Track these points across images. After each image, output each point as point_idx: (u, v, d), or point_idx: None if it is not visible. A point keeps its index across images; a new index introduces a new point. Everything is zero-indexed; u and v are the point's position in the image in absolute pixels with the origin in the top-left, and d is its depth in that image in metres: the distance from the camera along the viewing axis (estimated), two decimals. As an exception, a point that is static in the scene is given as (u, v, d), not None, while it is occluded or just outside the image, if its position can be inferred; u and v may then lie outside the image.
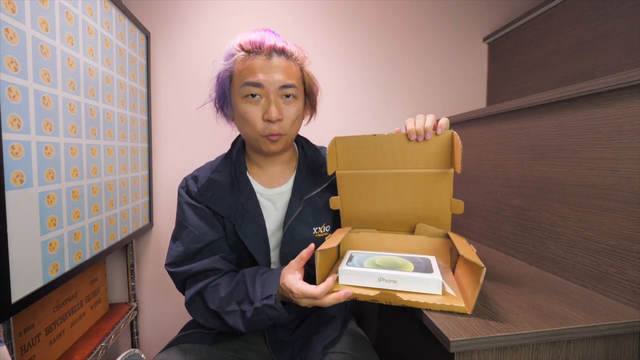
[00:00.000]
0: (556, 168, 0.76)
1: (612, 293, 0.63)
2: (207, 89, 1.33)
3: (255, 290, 0.64)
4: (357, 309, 1.04)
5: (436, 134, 0.63)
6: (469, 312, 0.54)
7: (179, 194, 0.75)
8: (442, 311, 0.55)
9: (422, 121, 0.64)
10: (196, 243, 0.69)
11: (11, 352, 0.62)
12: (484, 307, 0.59)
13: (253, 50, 0.66)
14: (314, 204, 0.76)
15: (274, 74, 0.65)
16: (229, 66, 0.68)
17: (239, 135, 0.81)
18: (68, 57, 0.76)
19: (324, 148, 0.85)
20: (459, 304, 0.54)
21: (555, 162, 0.76)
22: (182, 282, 0.71)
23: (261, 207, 0.74)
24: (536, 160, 0.81)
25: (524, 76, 1.32)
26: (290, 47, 0.69)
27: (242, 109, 0.66)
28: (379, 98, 1.47)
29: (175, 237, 0.73)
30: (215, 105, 0.75)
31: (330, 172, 0.72)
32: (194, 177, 0.75)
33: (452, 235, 0.66)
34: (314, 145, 0.84)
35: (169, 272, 0.72)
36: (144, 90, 1.23)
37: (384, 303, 0.55)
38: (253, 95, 0.66)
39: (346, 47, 1.43)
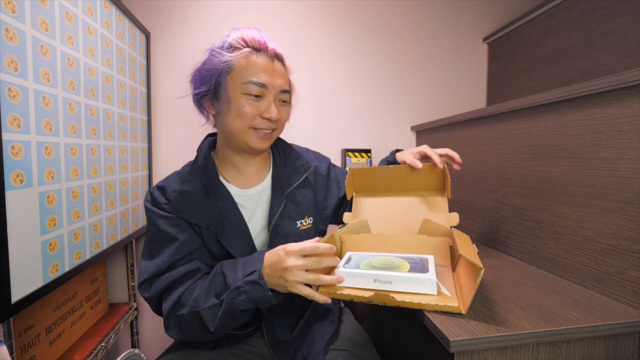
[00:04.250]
0: (556, 168, 0.76)
1: (612, 293, 0.63)
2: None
3: (236, 274, 0.58)
4: (357, 306, 1.04)
5: (452, 163, 0.78)
6: (463, 312, 0.54)
7: (148, 210, 0.68)
8: (437, 311, 0.55)
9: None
10: (175, 255, 0.64)
11: (11, 352, 0.62)
12: (484, 307, 0.59)
13: (258, 49, 0.66)
14: (295, 198, 0.75)
15: (277, 78, 0.67)
16: (229, 58, 0.65)
17: (203, 141, 0.77)
18: (68, 57, 0.76)
19: (293, 144, 0.86)
20: (453, 303, 0.54)
21: (555, 162, 0.76)
22: (159, 300, 0.65)
23: (241, 210, 0.71)
24: (536, 160, 0.81)
25: (524, 76, 1.32)
26: (285, 56, 0.71)
27: (240, 103, 0.65)
28: (379, 98, 1.47)
29: (151, 255, 0.66)
30: (198, 96, 0.69)
31: (348, 197, 0.82)
32: (160, 187, 0.70)
33: (456, 233, 0.66)
34: (284, 141, 0.83)
35: (144, 297, 0.65)
36: (144, 90, 1.23)
37: (380, 304, 0.55)
38: (255, 95, 0.66)
39: (346, 47, 1.43)
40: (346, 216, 0.82)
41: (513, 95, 1.37)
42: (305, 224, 0.75)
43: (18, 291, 0.61)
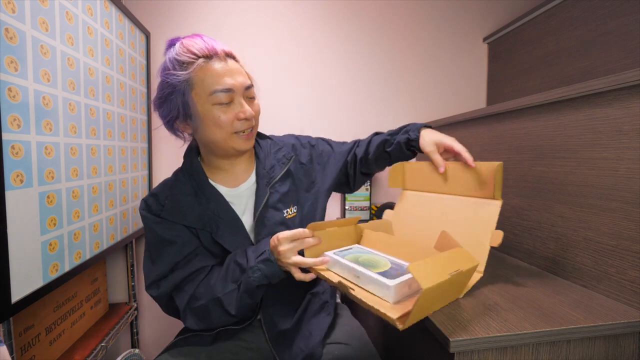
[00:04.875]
0: (556, 168, 0.76)
1: (612, 293, 0.63)
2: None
3: (248, 259, 0.64)
4: (357, 304, 1.04)
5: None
6: (400, 328, 0.48)
7: (144, 217, 0.71)
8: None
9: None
10: (175, 257, 0.68)
11: (11, 352, 0.62)
12: (484, 307, 0.59)
13: (209, 56, 0.65)
14: (279, 188, 0.77)
15: (237, 76, 0.67)
16: (186, 75, 0.64)
17: (189, 148, 0.78)
18: (68, 57, 0.76)
19: (273, 135, 0.87)
20: (393, 315, 0.48)
21: (555, 162, 0.76)
22: (168, 299, 0.69)
23: (233, 208, 0.73)
24: (536, 160, 0.81)
25: (524, 76, 1.32)
26: (235, 52, 0.71)
27: (214, 114, 0.66)
28: (379, 98, 1.47)
29: (152, 260, 0.70)
30: (170, 122, 0.70)
31: (390, 186, 0.84)
32: (153, 195, 0.72)
33: (456, 251, 0.57)
34: (264, 134, 0.84)
35: (153, 296, 0.69)
36: (144, 90, 1.23)
37: (342, 291, 0.56)
38: (226, 102, 0.66)
39: (346, 47, 1.43)
40: (387, 213, 0.83)
41: (513, 95, 1.37)
42: (290, 212, 0.77)
43: (18, 291, 0.61)
